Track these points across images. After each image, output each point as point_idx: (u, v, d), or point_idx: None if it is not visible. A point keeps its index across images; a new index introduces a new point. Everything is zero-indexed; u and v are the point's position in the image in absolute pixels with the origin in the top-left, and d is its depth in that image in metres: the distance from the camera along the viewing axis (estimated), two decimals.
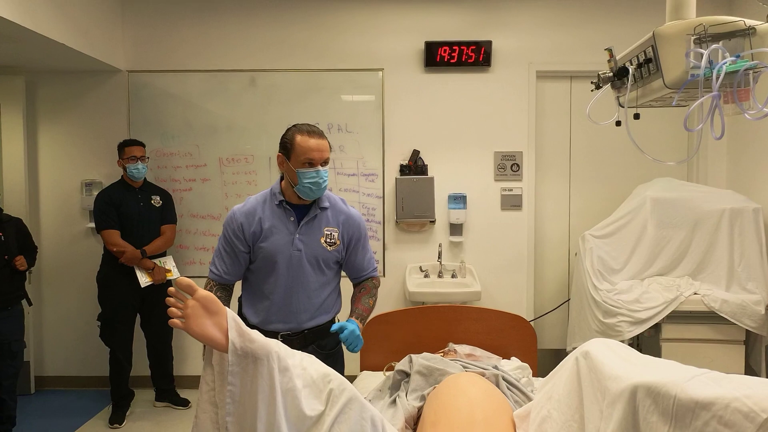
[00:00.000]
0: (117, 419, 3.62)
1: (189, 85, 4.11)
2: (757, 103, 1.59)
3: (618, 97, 2.04)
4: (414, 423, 1.96)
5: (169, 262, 3.80)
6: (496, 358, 2.63)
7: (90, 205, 4.09)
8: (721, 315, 3.21)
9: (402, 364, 2.26)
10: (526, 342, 2.81)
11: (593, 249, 3.53)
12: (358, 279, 2.31)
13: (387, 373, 2.40)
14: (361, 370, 2.83)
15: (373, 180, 4.12)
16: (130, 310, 3.70)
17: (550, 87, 4.19)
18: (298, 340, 2.12)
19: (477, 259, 4.12)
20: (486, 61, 4.03)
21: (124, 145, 3.70)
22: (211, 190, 4.15)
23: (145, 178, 3.79)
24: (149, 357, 3.86)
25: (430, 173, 4.10)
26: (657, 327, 3.32)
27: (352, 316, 2.17)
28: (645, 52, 1.78)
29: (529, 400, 1.99)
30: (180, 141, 4.12)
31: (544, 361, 3.41)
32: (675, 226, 3.48)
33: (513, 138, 4.11)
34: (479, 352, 2.66)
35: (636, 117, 1.90)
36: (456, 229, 4.12)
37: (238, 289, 2.25)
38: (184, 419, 3.68)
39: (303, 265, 2.12)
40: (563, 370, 1.67)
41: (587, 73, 3.86)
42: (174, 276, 3.75)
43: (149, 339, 3.82)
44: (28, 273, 3.51)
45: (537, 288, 4.24)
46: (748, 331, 3.26)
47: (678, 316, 3.27)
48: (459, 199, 4.09)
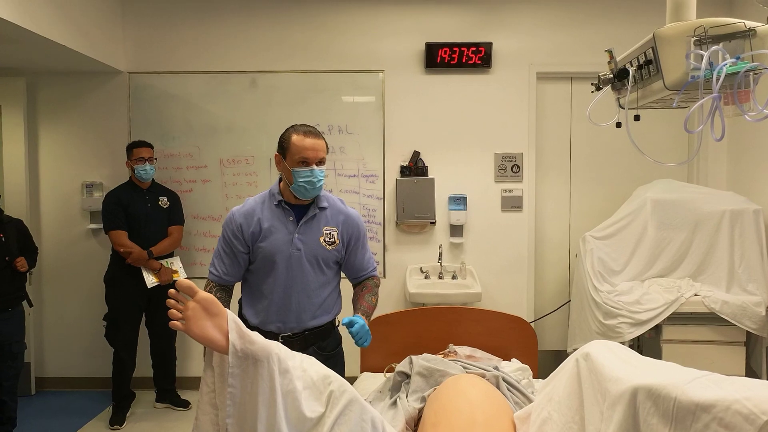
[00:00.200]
0: (117, 420, 3.62)
1: (189, 86, 4.11)
2: (757, 104, 1.59)
3: (618, 98, 2.04)
4: (414, 424, 1.96)
5: (176, 263, 3.81)
6: (496, 360, 2.62)
7: (91, 206, 4.10)
8: (721, 316, 3.21)
9: (402, 366, 2.26)
10: (527, 343, 2.81)
11: (594, 250, 3.53)
12: (359, 279, 2.32)
13: (387, 375, 2.40)
14: (361, 372, 2.83)
15: (374, 181, 4.12)
16: (136, 310, 3.71)
17: (550, 88, 4.19)
18: (298, 342, 2.12)
19: (477, 261, 4.12)
20: (486, 63, 4.04)
21: (133, 147, 3.71)
22: (212, 191, 4.15)
23: (153, 179, 3.81)
24: (152, 356, 3.86)
25: (431, 174, 4.10)
26: (657, 328, 3.31)
27: (357, 313, 2.16)
28: (645, 53, 1.78)
29: (529, 401, 1.99)
30: (180, 142, 4.12)
31: (544, 363, 3.41)
32: (675, 228, 3.48)
33: (513, 139, 4.11)
34: (480, 353, 2.66)
35: (636, 118, 1.91)
36: (456, 230, 4.12)
37: (238, 292, 2.25)
38: (185, 420, 3.68)
39: (302, 264, 2.12)
40: (564, 371, 1.67)
41: (588, 75, 3.86)
42: (181, 277, 3.76)
43: (153, 339, 3.83)
44: (28, 274, 3.51)
45: (537, 289, 4.23)
46: (748, 333, 3.26)
47: (678, 318, 3.27)
48: (459, 201, 4.09)
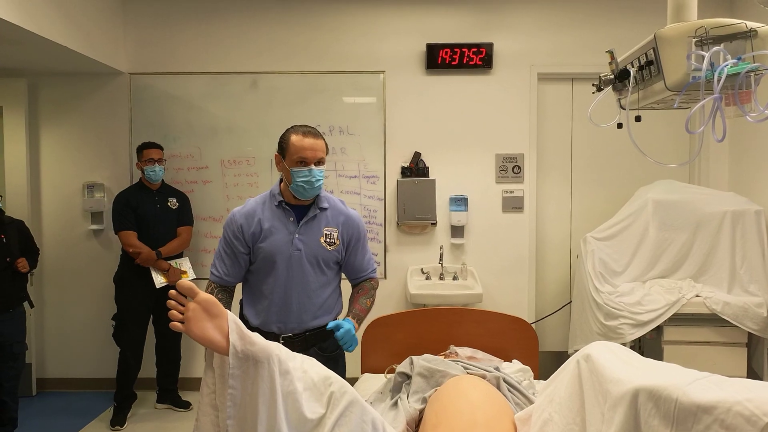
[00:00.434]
0: (118, 421, 3.62)
1: (190, 87, 4.11)
2: (758, 105, 1.59)
3: (619, 99, 2.04)
4: (415, 425, 1.95)
5: (185, 264, 3.83)
6: (497, 361, 2.62)
7: (92, 207, 4.11)
8: (723, 317, 3.20)
9: (403, 366, 2.25)
10: (528, 344, 2.81)
11: (595, 251, 3.52)
12: (357, 280, 2.32)
13: (388, 376, 2.39)
14: (362, 373, 2.82)
15: (375, 182, 4.12)
16: (144, 310, 3.72)
17: (551, 89, 4.19)
18: (299, 343, 2.12)
19: (478, 261, 4.12)
20: (487, 63, 4.03)
21: (143, 148, 3.73)
22: (213, 192, 4.15)
23: (163, 181, 3.83)
24: (157, 355, 3.87)
25: (432, 175, 4.09)
26: (659, 329, 3.31)
27: (348, 315, 2.19)
28: (646, 54, 1.77)
29: (530, 402, 1.98)
30: (181, 143, 4.12)
31: (545, 364, 3.40)
32: (677, 229, 3.47)
33: (514, 140, 4.11)
34: (480, 354, 2.65)
35: (637, 119, 1.90)
36: (457, 231, 4.12)
37: (239, 294, 2.25)
38: (186, 421, 3.68)
39: (303, 264, 2.13)
40: (564, 373, 1.67)
41: (588, 75, 3.86)
42: (190, 277, 3.77)
43: (159, 338, 3.84)
44: (29, 275, 3.52)
45: (538, 290, 4.23)
46: (750, 334, 3.25)
47: (680, 319, 3.26)
48: (460, 201, 4.09)
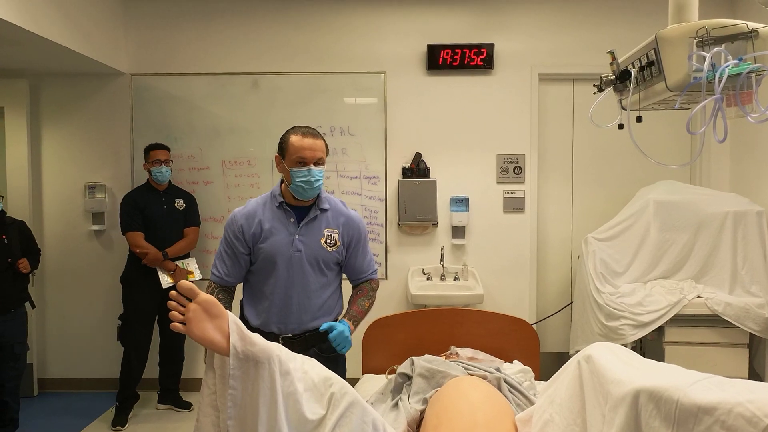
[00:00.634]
0: (120, 421, 3.62)
1: (192, 87, 4.12)
2: (760, 106, 1.59)
3: (620, 99, 2.04)
4: (416, 426, 1.95)
5: (191, 264, 3.84)
6: (498, 362, 2.62)
7: (93, 208, 4.12)
8: (724, 318, 3.20)
9: (404, 367, 2.25)
10: (529, 345, 2.80)
11: (596, 252, 3.52)
12: (358, 281, 2.32)
13: (389, 376, 2.39)
14: (363, 373, 2.83)
15: (376, 183, 4.12)
16: (150, 311, 3.73)
17: (552, 90, 4.19)
18: (299, 343, 2.12)
19: (479, 262, 4.11)
20: (488, 64, 4.03)
21: (149, 149, 3.75)
22: (214, 192, 4.15)
23: (170, 181, 3.85)
24: (160, 355, 3.88)
25: (433, 176, 4.09)
26: (660, 330, 3.31)
27: (344, 316, 2.20)
28: (647, 54, 1.77)
29: (531, 403, 1.98)
30: (183, 143, 4.13)
31: (546, 365, 3.40)
32: (678, 229, 3.47)
33: (515, 141, 4.11)
34: (481, 355, 2.65)
35: (638, 120, 1.90)
36: (458, 231, 4.12)
37: (239, 294, 2.25)
38: (187, 422, 3.68)
39: (303, 265, 2.13)
40: (565, 373, 1.67)
41: (589, 76, 3.85)
42: (196, 278, 3.79)
43: (163, 338, 3.84)
44: (31, 276, 3.52)
45: (539, 291, 4.22)
46: (751, 335, 3.24)
47: (681, 320, 3.26)
48: (461, 202, 4.08)
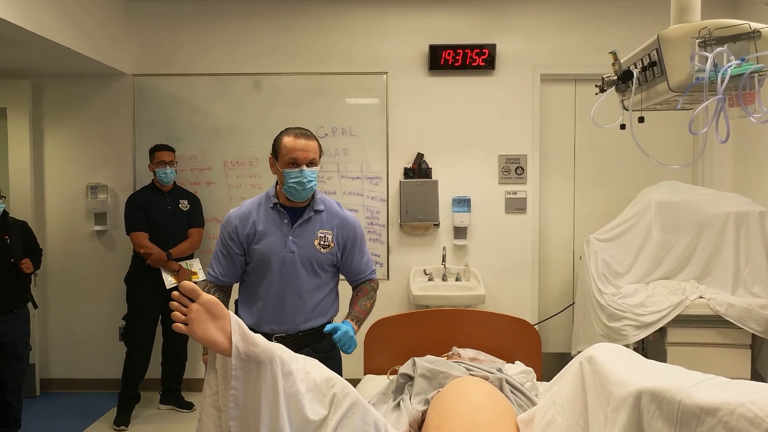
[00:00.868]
0: (122, 421, 3.62)
1: (193, 88, 4.12)
2: (762, 106, 1.58)
3: (623, 100, 2.04)
4: (418, 427, 1.95)
5: (195, 265, 3.85)
6: (500, 362, 2.62)
7: (95, 208, 4.12)
8: (727, 319, 3.19)
9: (405, 368, 2.25)
10: (531, 346, 2.80)
11: (598, 252, 3.51)
12: (356, 282, 2.32)
13: (390, 377, 2.39)
14: (364, 374, 2.83)
15: (377, 183, 4.12)
16: (154, 311, 3.74)
17: (554, 90, 4.18)
18: (292, 343, 2.11)
19: (481, 263, 4.11)
20: (490, 65, 4.03)
21: (154, 150, 3.76)
22: (216, 193, 4.15)
23: (174, 182, 3.85)
24: (163, 355, 3.88)
25: (434, 176, 4.09)
26: (662, 331, 3.30)
27: (347, 317, 2.19)
28: (650, 55, 1.77)
29: (533, 404, 1.98)
30: (184, 144, 4.13)
31: (548, 365, 3.40)
32: (680, 230, 3.46)
33: (517, 141, 4.11)
34: (483, 356, 2.65)
35: (641, 120, 1.90)
36: (460, 232, 4.12)
37: (235, 294, 2.26)
38: (189, 422, 3.69)
39: (296, 267, 2.13)
40: (567, 374, 1.67)
41: (591, 77, 3.82)
42: (200, 278, 3.81)
43: (166, 338, 3.85)
44: (33, 276, 3.53)
45: (541, 291, 4.22)
46: (754, 335, 3.24)
47: (683, 320, 3.25)
48: (463, 203, 4.08)
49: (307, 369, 1.47)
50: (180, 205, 3.82)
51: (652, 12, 3.90)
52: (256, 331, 1.57)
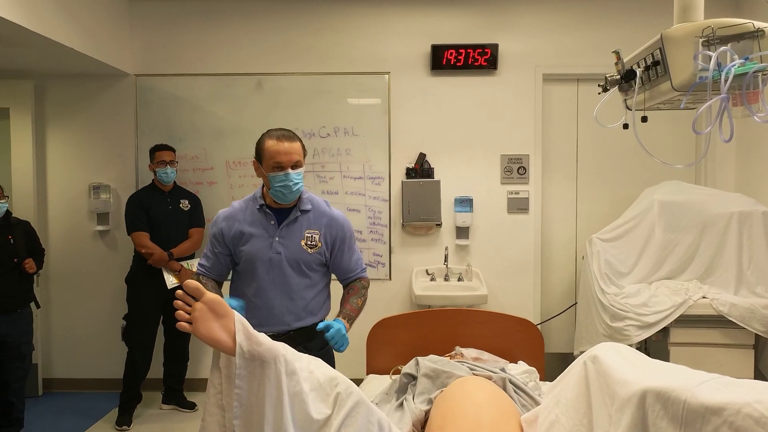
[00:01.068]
0: (124, 421, 3.62)
1: (196, 88, 4.12)
2: (766, 105, 1.58)
3: (625, 99, 2.04)
4: (421, 426, 1.95)
5: (196, 265, 3.83)
6: (503, 362, 2.61)
7: (97, 208, 4.13)
8: (730, 319, 3.18)
9: (409, 367, 2.25)
10: (533, 346, 2.80)
11: (600, 252, 3.51)
12: (347, 280, 2.32)
13: (393, 377, 2.39)
14: (367, 374, 2.82)
15: (380, 183, 4.12)
16: (155, 311, 3.74)
17: (556, 90, 4.18)
18: (282, 341, 2.11)
19: (483, 263, 4.11)
20: (492, 64, 4.03)
21: (155, 150, 3.76)
22: (218, 193, 4.16)
23: (175, 182, 3.86)
24: (165, 355, 3.88)
25: (437, 176, 4.09)
26: (665, 331, 3.29)
27: (339, 315, 2.18)
28: (653, 54, 1.77)
29: (536, 404, 1.98)
30: (187, 144, 4.13)
31: (551, 365, 3.39)
32: (683, 230, 3.46)
33: (519, 141, 4.11)
34: (486, 355, 2.65)
35: (644, 120, 1.90)
36: (462, 232, 4.11)
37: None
38: (191, 422, 3.69)
39: (283, 268, 2.14)
40: (571, 374, 1.66)
41: (594, 76, 3.83)
42: None
43: (168, 338, 3.85)
44: (36, 276, 3.53)
45: (544, 291, 4.22)
46: (757, 336, 3.23)
47: (686, 320, 3.24)
48: (465, 203, 4.08)
49: (310, 368, 1.47)
50: (181, 205, 3.82)
51: (654, 11, 3.89)
52: None
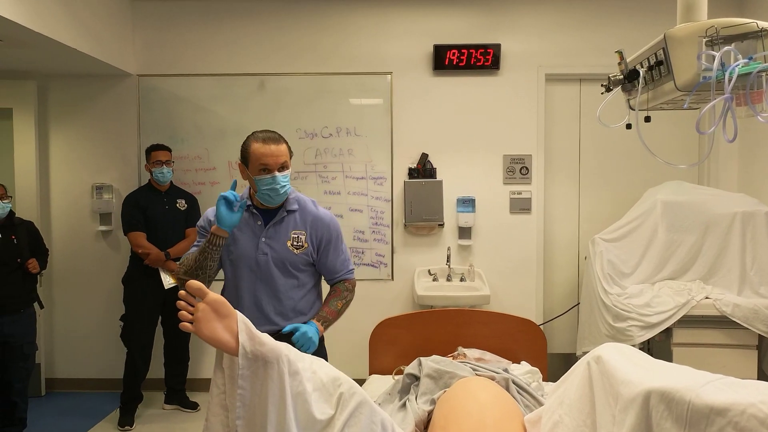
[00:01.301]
0: (127, 421, 3.63)
1: (198, 88, 4.13)
2: None
3: (628, 99, 2.04)
4: (424, 427, 1.95)
5: None
6: (506, 362, 2.61)
7: (100, 208, 4.13)
8: (733, 319, 3.18)
9: (411, 368, 2.25)
10: (536, 346, 2.80)
11: (603, 252, 3.50)
12: (332, 281, 2.31)
13: (396, 377, 2.39)
14: (369, 374, 2.82)
15: (382, 183, 4.12)
16: (153, 311, 3.73)
17: (559, 90, 4.17)
18: None
19: (486, 263, 4.11)
20: (495, 65, 4.03)
21: (151, 150, 3.76)
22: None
23: (171, 182, 3.85)
24: (165, 356, 3.88)
25: (439, 176, 4.09)
26: (668, 331, 3.29)
27: (313, 318, 2.18)
28: (656, 54, 1.77)
29: (539, 404, 1.98)
30: (189, 144, 4.14)
31: (553, 366, 3.39)
32: (686, 230, 3.45)
33: (522, 141, 4.10)
34: (489, 356, 2.65)
35: (647, 120, 1.90)
36: (465, 232, 4.11)
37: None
38: (194, 422, 3.69)
39: (270, 268, 2.13)
40: (575, 374, 1.66)
41: (597, 76, 3.84)
42: None
43: (168, 339, 3.85)
44: (39, 276, 3.54)
45: (546, 292, 4.21)
46: (760, 336, 3.22)
47: (689, 321, 3.24)
48: (468, 203, 4.08)
49: (313, 368, 1.47)
50: (177, 205, 3.81)
51: (657, 11, 3.88)
52: None
